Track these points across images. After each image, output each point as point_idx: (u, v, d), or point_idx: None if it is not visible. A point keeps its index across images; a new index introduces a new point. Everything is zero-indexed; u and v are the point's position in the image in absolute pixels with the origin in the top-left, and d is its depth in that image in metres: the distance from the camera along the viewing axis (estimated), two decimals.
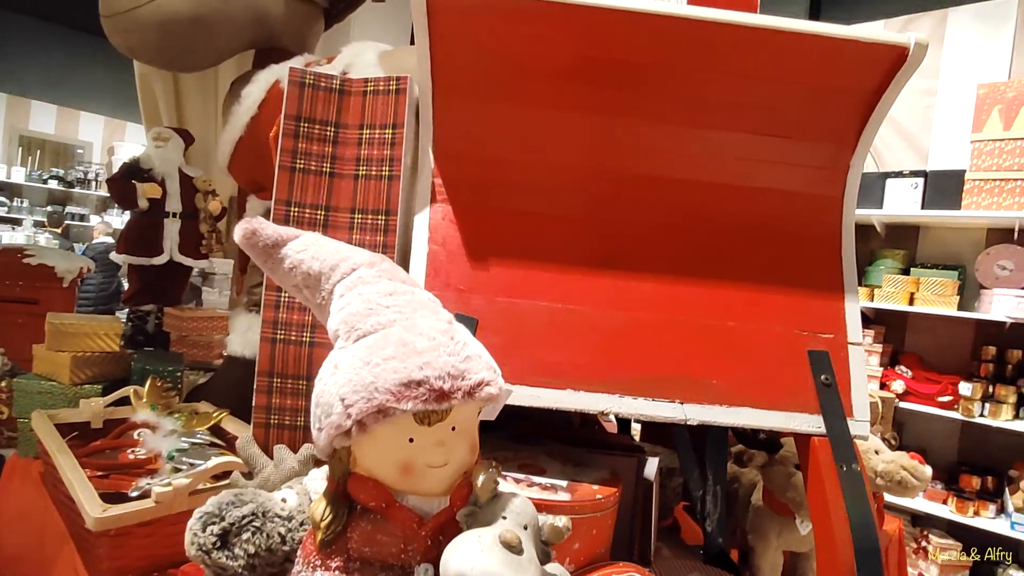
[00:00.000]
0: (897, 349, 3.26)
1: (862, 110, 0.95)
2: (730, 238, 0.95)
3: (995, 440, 2.97)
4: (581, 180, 0.95)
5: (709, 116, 0.96)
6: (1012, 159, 2.74)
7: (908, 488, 1.26)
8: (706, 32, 0.89)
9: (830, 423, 0.83)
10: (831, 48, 0.91)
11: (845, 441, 0.81)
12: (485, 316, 0.88)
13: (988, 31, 3.10)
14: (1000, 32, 3.07)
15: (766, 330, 0.89)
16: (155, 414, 1.26)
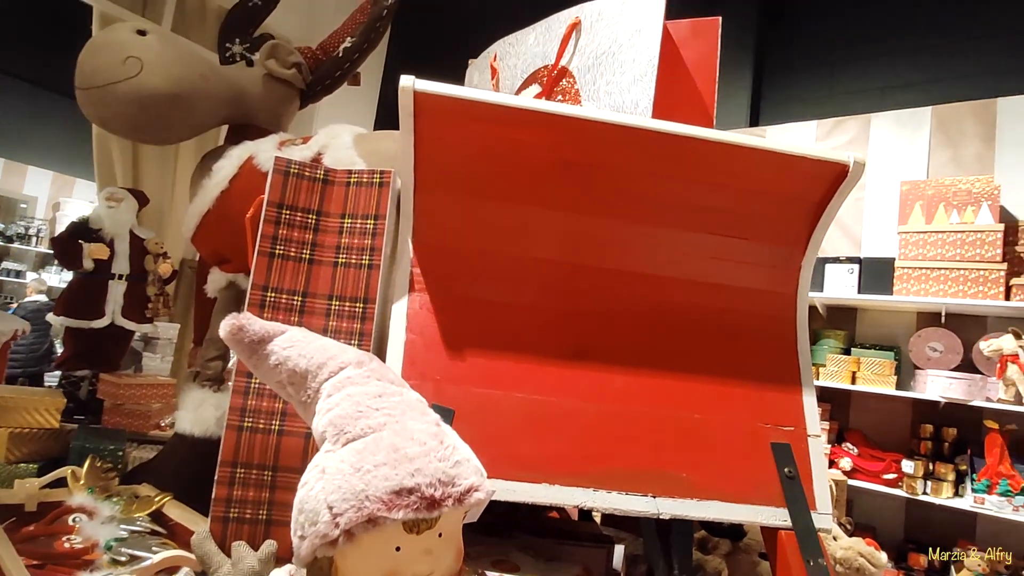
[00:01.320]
0: (843, 426, 3.38)
1: (811, 216, 1.04)
2: (695, 332, 1.00)
3: (938, 517, 3.07)
4: (555, 274, 0.99)
5: (674, 217, 1.03)
6: (935, 250, 2.99)
7: (866, 575, 1.29)
8: (671, 143, 0.97)
9: (795, 517, 0.86)
10: (783, 162, 1.00)
11: (811, 535, 0.84)
12: (461, 407, 0.88)
13: (907, 134, 3.45)
14: (917, 136, 3.42)
15: (731, 423, 0.93)
16: (93, 498, 1.18)
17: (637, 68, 1.16)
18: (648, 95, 1.13)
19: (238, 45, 1.93)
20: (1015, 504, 2.65)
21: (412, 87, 0.91)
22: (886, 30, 3.69)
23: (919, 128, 3.42)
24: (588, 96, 1.22)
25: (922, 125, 3.42)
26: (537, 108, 0.94)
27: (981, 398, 2.84)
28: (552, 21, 1.34)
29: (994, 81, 3.24)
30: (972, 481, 2.79)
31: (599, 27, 1.24)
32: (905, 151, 3.44)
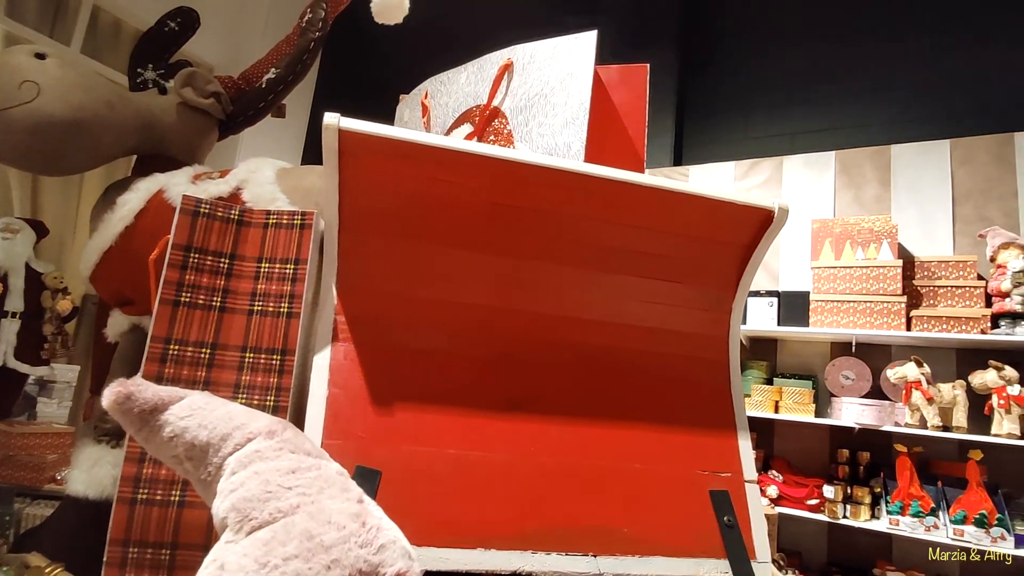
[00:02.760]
0: (768, 454, 3.49)
1: (740, 259, 1.06)
2: (631, 377, 0.99)
3: (858, 540, 3.19)
4: (487, 320, 0.95)
5: (607, 261, 1.02)
6: (844, 284, 3.19)
7: None
8: (603, 187, 0.97)
9: (736, 568, 0.84)
10: (712, 207, 1.02)
11: None
12: (389, 468, 0.82)
13: (815, 176, 3.70)
14: (824, 178, 3.67)
15: (670, 471, 0.91)
16: None
17: (569, 111, 1.16)
18: (580, 138, 1.14)
19: (151, 71, 1.82)
20: (926, 524, 2.80)
21: (337, 125, 0.86)
22: (794, 81, 3.98)
23: (825, 170, 3.68)
24: (521, 137, 1.21)
25: (828, 168, 3.68)
26: (468, 150, 0.91)
27: (891, 423, 3.01)
28: (484, 61, 1.34)
29: (888, 130, 3.54)
30: (887, 503, 2.93)
31: (531, 69, 1.24)
32: (814, 191, 3.69)
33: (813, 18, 3.94)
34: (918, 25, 3.62)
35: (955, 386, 2.89)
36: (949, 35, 3.51)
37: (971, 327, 2.92)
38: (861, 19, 3.80)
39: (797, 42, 3.98)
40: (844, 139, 3.67)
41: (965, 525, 2.72)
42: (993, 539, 2.67)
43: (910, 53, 3.61)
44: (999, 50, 3.36)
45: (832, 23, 3.88)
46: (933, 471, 3.03)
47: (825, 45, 3.88)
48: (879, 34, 3.72)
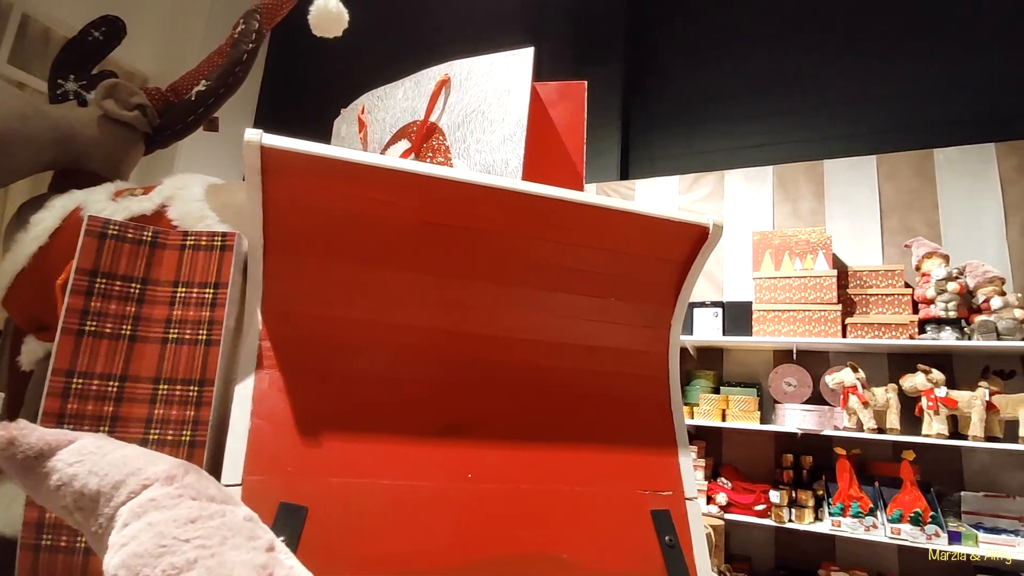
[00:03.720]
0: (717, 462, 3.55)
1: (677, 276, 1.07)
2: (572, 397, 0.97)
3: (804, 542, 3.28)
4: (424, 342, 0.92)
5: (546, 279, 1.01)
6: (784, 293, 3.30)
7: None
8: (541, 205, 0.96)
9: None
10: (649, 225, 1.02)
11: None
12: (318, 502, 0.77)
13: (755, 189, 3.83)
14: (763, 191, 3.81)
15: (611, 493, 0.90)
16: None
17: (507, 128, 1.15)
18: (518, 155, 1.13)
19: (72, 82, 1.73)
20: (865, 524, 2.90)
21: (259, 142, 0.82)
22: (734, 97, 4.13)
23: (764, 184, 3.82)
24: (458, 154, 1.19)
25: (766, 182, 3.81)
26: (399, 167, 0.88)
27: (830, 427, 3.12)
28: (421, 77, 1.32)
29: (821, 145, 3.71)
30: (828, 505, 3.02)
31: (469, 85, 1.23)
32: (754, 204, 3.82)
33: (751, 39, 4.11)
34: (845, 47, 3.82)
35: (888, 390, 3.02)
36: (874, 57, 3.71)
37: (900, 333, 3.06)
38: (795, 41, 3.98)
39: (737, 60, 4.14)
40: (781, 154, 3.82)
41: (901, 523, 2.83)
42: (928, 536, 2.78)
43: (839, 73, 3.80)
44: (918, 72, 3.58)
45: (769, 44, 4.05)
46: (871, 472, 3.15)
47: (763, 64, 4.05)
48: (811, 55, 3.91)
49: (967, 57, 3.46)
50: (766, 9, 4.07)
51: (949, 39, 3.49)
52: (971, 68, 3.45)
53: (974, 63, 3.41)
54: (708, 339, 3.45)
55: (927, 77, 3.56)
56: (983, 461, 3.08)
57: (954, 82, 3.49)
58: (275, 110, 5.02)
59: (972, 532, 2.77)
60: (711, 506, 3.20)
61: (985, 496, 2.94)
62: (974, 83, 3.42)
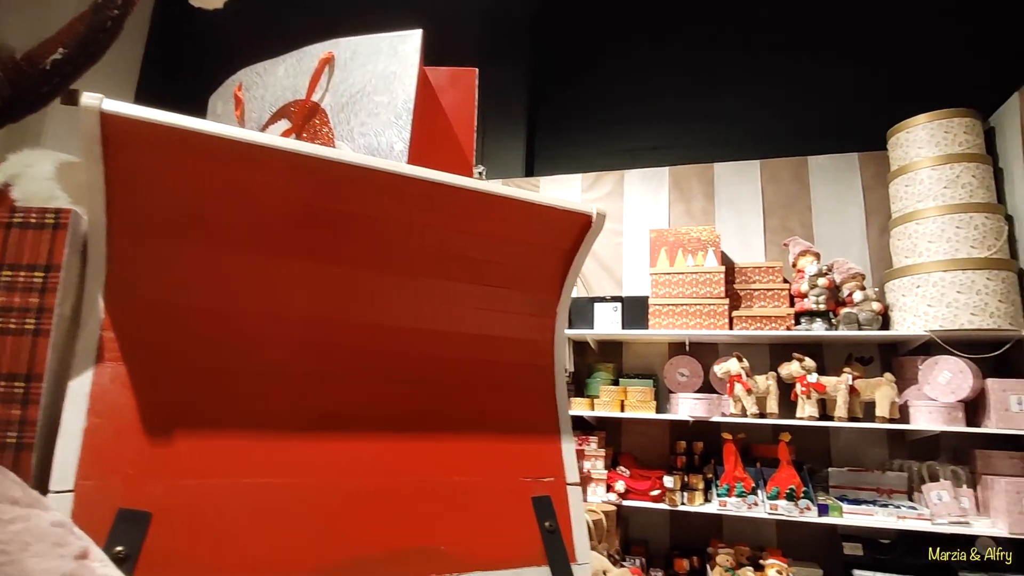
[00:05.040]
0: (617, 451, 3.68)
1: (563, 264, 1.08)
2: (455, 387, 0.95)
3: (695, 523, 3.48)
4: (296, 332, 0.87)
5: (429, 266, 0.98)
6: (678, 288, 3.47)
7: None
8: (425, 190, 0.93)
9: (557, 573, 0.84)
10: (535, 213, 1.02)
11: None
12: (164, 507, 0.70)
13: (652, 189, 4.01)
14: (660, 191, 3.99)
15: (493, 482, 0.89)
16: None
17: (392, 111, 1.11)
18: (404, 138, 1.09)
19: None
20: (748, 503, 3.11)
21: (98, 107, 0.73)
22: (635, 102, 4.28)
23: (661, 184, 4.00)
24: (341, 136, 1.14)
25: (663, 182, 4.00)
26: (269, 144, 0.82)
27: (718, 413, 3.32)
28: (304, 54, 1.24)
29: (711, 149, 3.94)
30: (716, 487, 3.22)
31: (353, 65, 1.17)
32: (651, 203, 3.99)
33: (651, 48, 4.28)
34: (734, 60, 4.07)
35: (768, 377, 3.26)
36: (758, 71, 3.99)
37: (779, 324, 3.31)
38: (690, 53, 4.18)
39: (638, 67, 4.30)
40: (675, 156, 4.01)
41: (779, 500, 3.07)
42: (801, 510, 3.03)
43: (728, 84, 4.05)
44: (796, 85, 3.88)
45: (667, 54, 4.24)
46: (754, 454, 3.38)
47: (661, 72, 4.23)
48: (705, 66, 4.13)
49: (837, 74, 3.80)
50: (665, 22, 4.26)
51: (823, 57, 3.81)
52: (840, 84, 3.79)
53: (843, 80, 3.75)
54: (608, 332, 3.56)
55: (803, 90, 3.87)
56: (847, 439, 3.40)
57: (826, 96, 3.82)
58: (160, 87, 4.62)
59: (838, 504, 3.04)
60: (610, 494, 3.31)
61: (849, 471, 3.24)
62: (843, 97, 3.76)
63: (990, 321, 2.84)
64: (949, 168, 3.06)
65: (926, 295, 2.99)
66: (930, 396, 3.03)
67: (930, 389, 3.04)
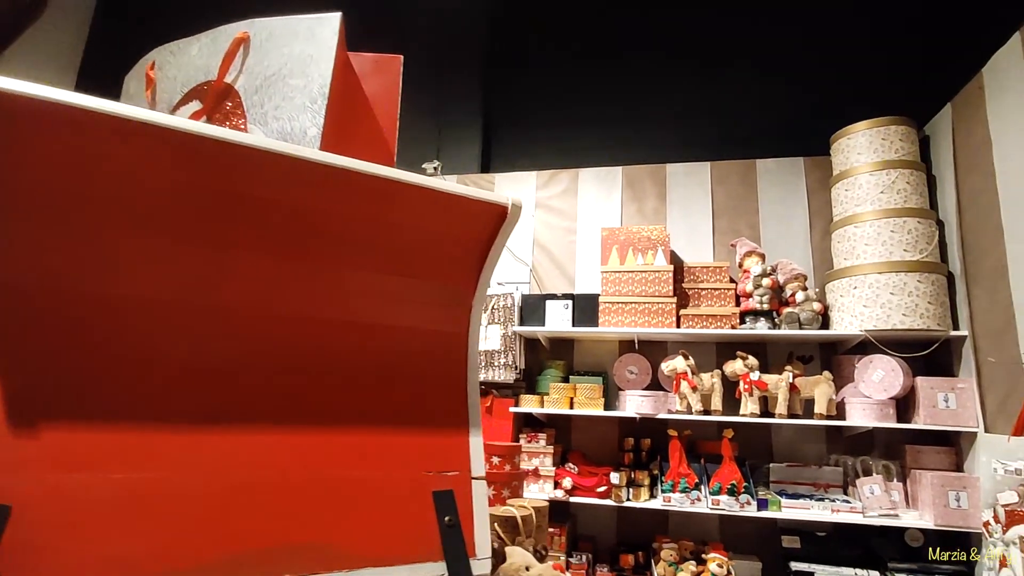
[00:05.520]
0: (566, 448, 3.70)
1: (479, 256, 1.06)
2: (357, 379, 0.93)
3: (641, 519, 3.52)
4: (174, 319, 0.82)
5: (336, 254, 0.95)
6: (628, 287, 3.51)
7: None
8: (334, 176, 0.90)
9: (453, 568, 0.82)
10: (449, 202, 1.00)
11: None
12: (26, 502, 0.66)
13: (605, 188, 4.04)
14: (613, 190, 4.02)
15: (392, 476, 0.87)
16: None
17: (307, 95, 1.08)
18: (317, 124, 1.06)
19: None
20: (691, 498, 3.16)
21: None
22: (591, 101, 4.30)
23: (614, 184, 4.03)
24: (255, 120, 1.10)
25: (616, 181, 4.03)
26: (156, 121, 0.78)
27: (664, 410, 3.36)
28: (219, 33, 1.20)
29: (664, 150, 3.98)
30: (661, 483, 3.26)
31: (269, 47, 1.13)
32: (605, 202, 4.02)
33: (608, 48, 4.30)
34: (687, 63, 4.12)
35: (713, 375, 3.32)
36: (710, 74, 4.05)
37: (723, 323, 3.37)
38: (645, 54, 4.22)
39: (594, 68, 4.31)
40: (629, 156, 4.04)
41: (720, 495, 3.13)
42: (741, 505, 3.10)
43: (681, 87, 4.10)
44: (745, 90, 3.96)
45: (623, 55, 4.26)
46: (699, 450, 3.44)
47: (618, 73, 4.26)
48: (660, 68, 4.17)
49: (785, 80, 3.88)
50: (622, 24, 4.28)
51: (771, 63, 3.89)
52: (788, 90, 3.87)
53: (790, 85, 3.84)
54: (559, 330, 3.57)
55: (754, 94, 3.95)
56: (788, 436, 3.49)
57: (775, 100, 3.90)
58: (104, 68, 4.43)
59: (776, 498, 3.12)
60: (558, 491, 3.32)
61: (788, 466, 3.33)
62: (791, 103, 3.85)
63: (920, 322, 2.95)
64: (885, 174, 3.16)
65: (862, 296, 3.09)
66: (864, 393, 3.13)
67: (864, 387, 3.14)
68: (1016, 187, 2.55)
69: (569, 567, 3.31)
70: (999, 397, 2.71)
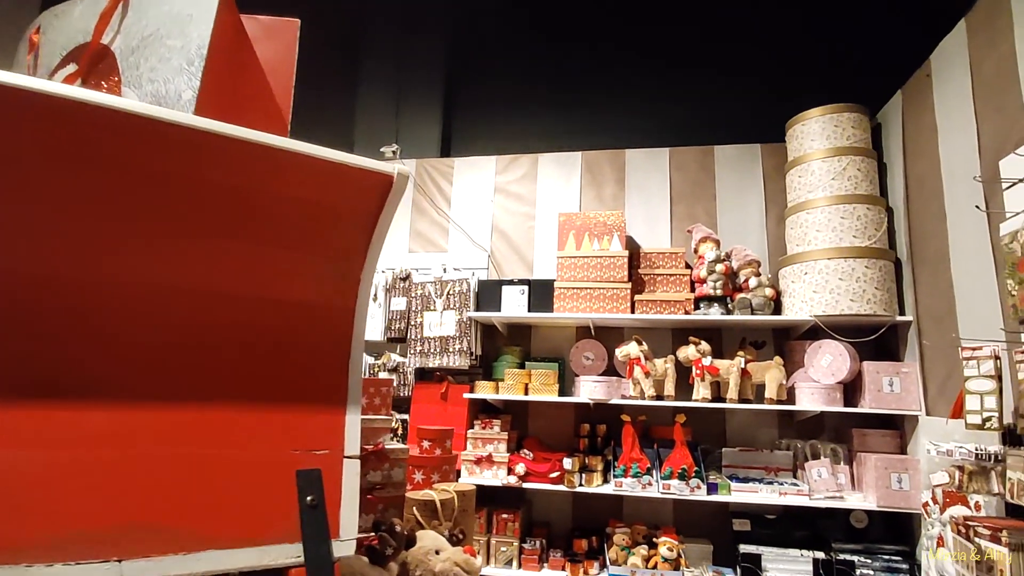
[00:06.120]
0: (522, 434, 3.69)
1: (366, 228, 1.02)
2: (227, 354, 0.88)
3: (596, 504, 3.53)
4: (21, 291, 0.77)
5: (210, 224, 0.90)
6: (583, 272, 3.49)
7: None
8: (207, 142, 0.85)
9: (310, 549, 0.78)
10: (331, 171, 0.96)
11: (324, 567, 0.78)
12: None
13: (565, 173, 4.00)
14: (572, 176, 3.99)
15: (254, 454, 0.83)
16: None
17: (184, 56, 1.02)
18: (193, 87, 1.00)
19: None
20: (643, 483, 3.17)
21: None
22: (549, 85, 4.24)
23: (574, 169, 3.99)
24: (129, 82, 1.04)
25: (575, 166, 3.99)
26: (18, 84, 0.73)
27: (618, 396, 3.36)
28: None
29: (623, 136, 3.95)
30: (614, 468, 3.26)
31: (148, 6, 1.07)
32: (564, 187, 3.98)
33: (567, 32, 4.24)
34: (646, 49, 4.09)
35: (667, 360, 3.32)
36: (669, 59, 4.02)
37: (678, 309, 3.37)
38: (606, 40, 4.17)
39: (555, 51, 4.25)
40: (588, 141, 4.00)
41: (671, 480, 3.14)
42: (691, 489, 3.12)
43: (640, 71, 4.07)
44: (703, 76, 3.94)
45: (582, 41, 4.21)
46: (653, 436, 3.45)
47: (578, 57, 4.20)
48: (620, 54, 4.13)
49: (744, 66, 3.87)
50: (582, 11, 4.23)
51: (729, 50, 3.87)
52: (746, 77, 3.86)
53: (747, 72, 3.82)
54: (515, 316, 3.54)
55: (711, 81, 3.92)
56: (741, 420, 3.52)
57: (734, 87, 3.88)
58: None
59: (727, 482, 3.14)
60: (511, 477, 3.31)
61: (740, 451, 3.36)
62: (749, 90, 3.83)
63: (867, 307, 2.98)
64: (837, 160, 3.18)
65: (812, 282, 3.10)
66: (813, 378, 3.16)
67: (813, 372, 3.17)
68: (958, 173, 2.57)
69: (522, 552, 3.30)
70: (939, 380, 2.75)
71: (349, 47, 3.30)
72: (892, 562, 2.89)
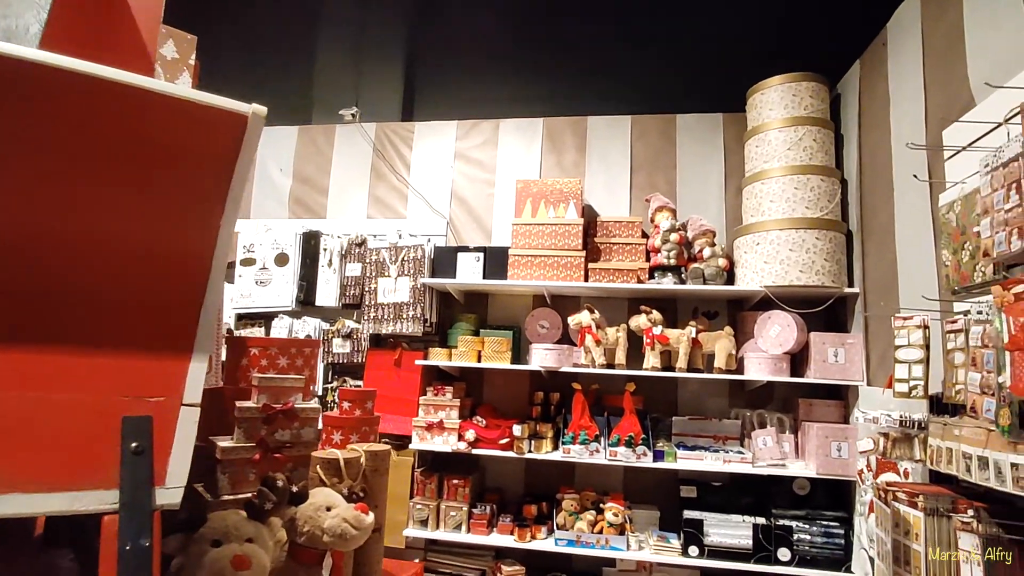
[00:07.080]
0: (477, 401, 3.69)
1: (223, 173, 0.98)
2: (62, 298, 0.85)
3: (548, 471, 3.56)
4: None
5: (47, 164, 0.86)
6: (537, 240, 3.45)
7: (349, 539, 1.31)
8: (48, 77, 0.80)
9: (128, 495, 0.76)
10: (179, 108, 0.91)
11: (139, 515, 0.76)
12: None
13: (526, 140, 3.93)
14: (533, 142, 3.92)
15: (81, 399, 0.80)
16: None
17: None
18: (40, 19, 0.95)
19: None
20: (590, 450, 3.19)
21: None
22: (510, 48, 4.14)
23: (535, 135, 3.93)
24: None
25: (536, 133, 3.93)
26: None
27: (569, 364, 3.36)
28: None
29: (585, 102, 3.87)
30: (563, 435, 3.28)
31: None
32: (524, 154, 3.92)
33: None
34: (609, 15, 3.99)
35: (619, 329, 3.31)
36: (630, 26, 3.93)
37: (631, 278, 3.36)
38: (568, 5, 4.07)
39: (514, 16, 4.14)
40: (549, 108, 3.92)
41: (618, 447, 3.17)
42: (637, 456, 3.15)
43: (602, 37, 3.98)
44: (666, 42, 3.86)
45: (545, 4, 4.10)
46: (605, 404, 3.47)
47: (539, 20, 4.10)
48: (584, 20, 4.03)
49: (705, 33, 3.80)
50: None
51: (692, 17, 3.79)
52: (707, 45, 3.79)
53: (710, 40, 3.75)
54: (470, 283, 3.52)
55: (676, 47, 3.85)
56: (693, 390, 3.55)
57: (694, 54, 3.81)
58: None
59: (673, 450, 3.18)
60: (460, 443, 3.32)
61: (690, 419, 3.39)
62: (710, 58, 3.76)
63: (816, 278, 2.98)
64: (794, 131, 3.14)
65: (763, 252, 3.10)
66: (762, 348, 3.17)
67: (762, 342, 3.19)
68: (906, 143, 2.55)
69: (472, 517, 3.33)
70: (880, 351, 2.77)
71: (309, 8, 3.18)
72: (830, 527, 2.95)
